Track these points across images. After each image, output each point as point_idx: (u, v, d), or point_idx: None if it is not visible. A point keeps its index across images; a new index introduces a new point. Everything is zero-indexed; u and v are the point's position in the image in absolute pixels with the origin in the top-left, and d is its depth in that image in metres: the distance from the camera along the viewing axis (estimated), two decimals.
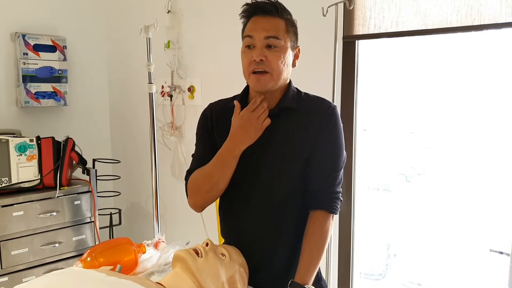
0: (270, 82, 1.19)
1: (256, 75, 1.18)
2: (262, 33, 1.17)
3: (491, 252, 1.93)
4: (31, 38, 2.60)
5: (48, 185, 2.32)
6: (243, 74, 1.24)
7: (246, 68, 1.21)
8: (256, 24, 1.19)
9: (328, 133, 1.23)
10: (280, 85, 1.23)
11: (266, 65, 1.17)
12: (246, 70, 1.21)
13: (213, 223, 2.43)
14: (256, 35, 1.17)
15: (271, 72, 1.18)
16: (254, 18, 1.20)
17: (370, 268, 3.85)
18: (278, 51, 1.18)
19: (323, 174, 1.23)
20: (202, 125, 1.36)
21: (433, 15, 1.69)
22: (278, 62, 1.18)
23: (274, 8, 1.19)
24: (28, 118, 2.74)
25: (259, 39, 1.17)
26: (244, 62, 1.21)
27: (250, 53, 1.19)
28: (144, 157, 2.93)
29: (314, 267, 1.18)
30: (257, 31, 1.17)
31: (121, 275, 1.08)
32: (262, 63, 1.17)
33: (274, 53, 1.18)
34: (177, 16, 2.62)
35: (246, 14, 1.22)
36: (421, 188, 4.42)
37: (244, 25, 1.24)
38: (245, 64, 1.21)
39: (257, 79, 1.19)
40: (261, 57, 1.16)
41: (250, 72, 1.19)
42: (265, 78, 1.18)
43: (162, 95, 2.71)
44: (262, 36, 1.17)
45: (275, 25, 1.19)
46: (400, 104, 3.88)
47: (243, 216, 1.30)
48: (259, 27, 1.18)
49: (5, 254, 2.18)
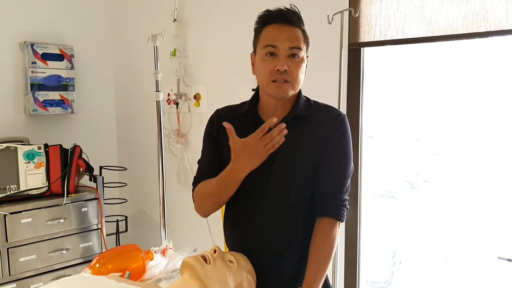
0: (291, 90, 1.21)
1: (277, 83, 1.19)
2: (287, 43, 1.17)
3: (499, 259, 1.93)
4: (39, 47, 2.64)
5: (55, 192, 2.34)
6: (260, 81, 1.24)
7: (267, 76, 1.20)
8: (280, 33, 1.18)
9: (337, 142, 1.24)
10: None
11: (289, 75, 1.18)
12: (266, 78, 1.20)
13: (219, 230, 2.43)
14: (280, 45, 1.17)
15: (291, 81, 1.19)
16: (276, 26, 1.19)
17: (375, 276, 3.82)
18: (300, 61, 1.20)
19: (331, 181, 1.23)
20: (208, 132, 1.37)
21: (438, 22, 1.69)
22: (299, 72, 1.20)
23: (297, 18, 1.20)
24: (36, 126, 2.76)
25: (283, 48, 1.17)
26: (264, 70, 1.20)
27: (272, 62, 1.18)
28: (150, 164, 2.94)
29: (321, 274, 1.18)
30: (282, 41, 1.17)
31: (131, 282, 1.09)
32: (285, 73, 1.17)
33: (296, 64, 1.19)
34: (183, 24, 2.65)
35: (265, 20, 1.22)
36: (427, 195, 4.39)
37: (258, 31, 1.23)
38: (265, 72, 1.20)
39: (278, 87, 1.19)
40: (285, 67, 1.17)
41: (270, 80, 1.19)
42: (286, 87, 1.19)
43: (168, 102, 2.73)
44: (286, 46, 1.17)
45: (297, 35, 1.20)
46: (405, 111, 3.88)
47: (251, 224, 1.29)
48: (284, 37, 1.17)
49: (13, 260, 2.19)
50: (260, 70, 1.21)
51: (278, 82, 1.18)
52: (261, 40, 1.21)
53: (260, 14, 1.23)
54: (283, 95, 1.20)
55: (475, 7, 1.60)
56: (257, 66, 1.24)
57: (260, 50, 1.21)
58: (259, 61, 1.21)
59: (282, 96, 1.21)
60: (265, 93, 1.25)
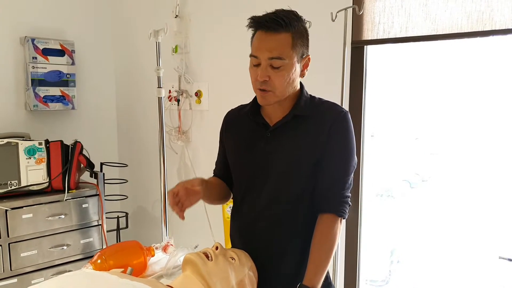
0: (274, 99, 1.22)
1: (261, 92, 1.21)
2: (265, 54, 1.16)
3: (500, 259, 1.92)
4: (40, 42, 2.62)
5: (56, 188, 2.33)
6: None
7: (253, 84, 1.23)
8: (260, 43, 1.18)
9: (339, 138, 1.23)
10: (289, 95, 1.24)
11: (269, 84, 1.19)
12: (253, 85, 1.23)
13: (219, 227, 2.44)
14: (260, 55, 1.17)
15: (273, 90, 1.20)
16: (259, 34, 1.19)
17: (373, 275, 3.83)
18: (282, 70, 1.18)
19: (333, 177, 1.23)
20: (220, 132, 1.45)
21: (443, 20, 1.69)
22: (282, 81, 1.19)
23: (277, 25, 1.15)
24: (36, 121, 2.76)
25: (263, 58, 1.17)
26: (251, 78, 1.23)
27: (255, 71, 1.20)
28: (151, 161, 2.94)
29: (322, 270, 1.18)
30: (261, 51, 1.17)
31: (133, 278, 1.08)
32: (266, 83, 1.18)
33: (277, 73, 1.18)
34: (184, 20, 2.64)
35: (252, 26, 1.21)
36: (425, 195, 4.39)
37: (252, 36, 1.23)
38: (252, 80, 1.23)
39: (262, 97, 1.22)
40: (264, 78, 1.17)
41: (256, 88, 1.22)
42: (269, 96, 1.21)
43: (170, 99, 2.72)
44: (266, 57, 1.16)
45: (279, 43, 1.16)
46: (405, 110, 3.87)
47: (252, 221, 1.30)
48: (263, 47, 1.17)
49: (15, 256, 2.19)
50: (250, 76, 1.24)
51: (261, 91, 1.21)
52: (251, 47, 1.23)
53: (248, 20, 1.22)
54: (266, 103, 1.23)
55: (480, 5, 1.60)
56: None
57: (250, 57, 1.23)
58: (249, 68, 1.24)
59: (266, 104, 1.25)
60: None
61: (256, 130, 1.30)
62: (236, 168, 1.36)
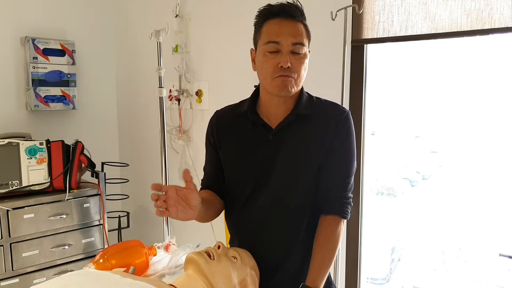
0: (295, 88, 1.17)
1: (283, 78, 1.14)
2: (289, 39, 1.12)
3: (500, 256, 1.93)
4: (40, 42, 2.63)
5: (57, 188, 2.34)
6: (261, 79, 1.20)
7: (270, 73, 1.15)
8: (282, 28, 1.13)
9: (342, 139, 1.22)
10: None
11: (292, 71, 1.14)
12: (270, 75, 1.15)
13: (221, 226, 2.44)
14: (283, 41, 1.12)
15: (295, 78, 1.16)
16: (278, 21, 1.14)
17: (374, 273, 3.83)
18: (302, 58, 1.15)
19: (336, 179, 1.23)
20: (207, 137, 1.36)
21: (443, 19, 1.69)
22: (302, 68, 1.16)
23: (299, 13, 1.15)
24: (37, 121, 2.76)
25: (286, 44, 1.13)
26: (267, 67, 1.15)
27: (274, 59, 1.14)
28: (152, 160, 2.94)
29: (325, 271, 1.18)
30: (284, 37, 1.12)
31: (136, 277, 1.09)
32: (289, 69, 1.13)
33: (299, 60, 1.15)
34: (185, 20, 2.64)
35: (266, 14, 1.17)
36: (426, 193, 4.40)
37: (259, 27, 1.19)
38: (267, 69, 1.15)
39: (283, 84, 1.15)
40: (289, 64, 1.12)
41: (274, 77, 1.15)
42: (291, 83, 1.15)
43: (170, 99, 2.73)
44: (289, 42, 1.12)
45: (300, 30, 1.15)
46: (405, 108, 3.87)
47: (255, 223, 1.28)
48: (286, 32, 1.13)
49: (16, 255, 2.19)
50: (262, 67, 1.17)
51: (282, 77, 1.14)
52: (263, 35, 1.17)
53: (261, 9, 1.19)
54: (286, 92, 1.16)
55: (479, 3, 1.60)
56: (258, 62, 1.20)
57: (262, 46, 1.16)
58: (261, 58, 1.17)
59: (285, 94, 1.17)
60: (266, 91, 1.22)
61: (257, 133, 1.24)
62: (236, 174, 1.29)
